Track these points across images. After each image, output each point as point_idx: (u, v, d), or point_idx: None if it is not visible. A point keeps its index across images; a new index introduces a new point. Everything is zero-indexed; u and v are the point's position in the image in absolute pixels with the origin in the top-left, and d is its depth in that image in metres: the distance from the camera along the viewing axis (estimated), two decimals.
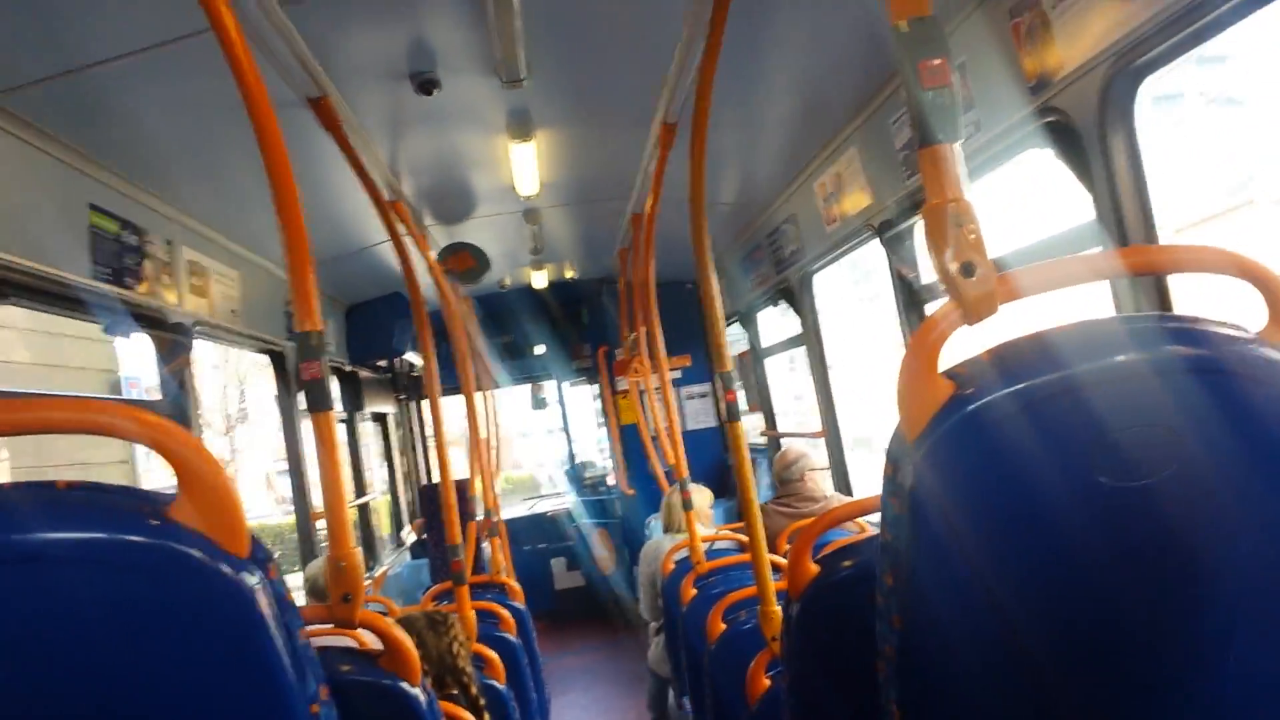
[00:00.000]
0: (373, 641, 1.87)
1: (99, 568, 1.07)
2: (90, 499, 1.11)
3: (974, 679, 1.18)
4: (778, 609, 2.59)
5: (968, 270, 1.18)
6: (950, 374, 1.18)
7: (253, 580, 1.11)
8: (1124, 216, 2.35)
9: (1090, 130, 2.37)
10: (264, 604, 1.11)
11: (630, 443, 8.21)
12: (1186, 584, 1.14)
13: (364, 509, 7.00)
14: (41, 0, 2.18)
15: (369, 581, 6.08)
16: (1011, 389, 1.14)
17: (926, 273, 3.87)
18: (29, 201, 2.65)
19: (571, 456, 9.75)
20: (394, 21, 2.71)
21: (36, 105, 2.56)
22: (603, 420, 9.10)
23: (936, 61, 1.20)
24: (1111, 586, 1.14)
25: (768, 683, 2.44)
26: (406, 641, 1.79)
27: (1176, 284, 2.36)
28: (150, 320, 3.38)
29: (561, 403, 9.49)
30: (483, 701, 2.69)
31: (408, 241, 3.70)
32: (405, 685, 1.76)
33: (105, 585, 1.06)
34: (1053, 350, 1.16)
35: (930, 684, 1.17)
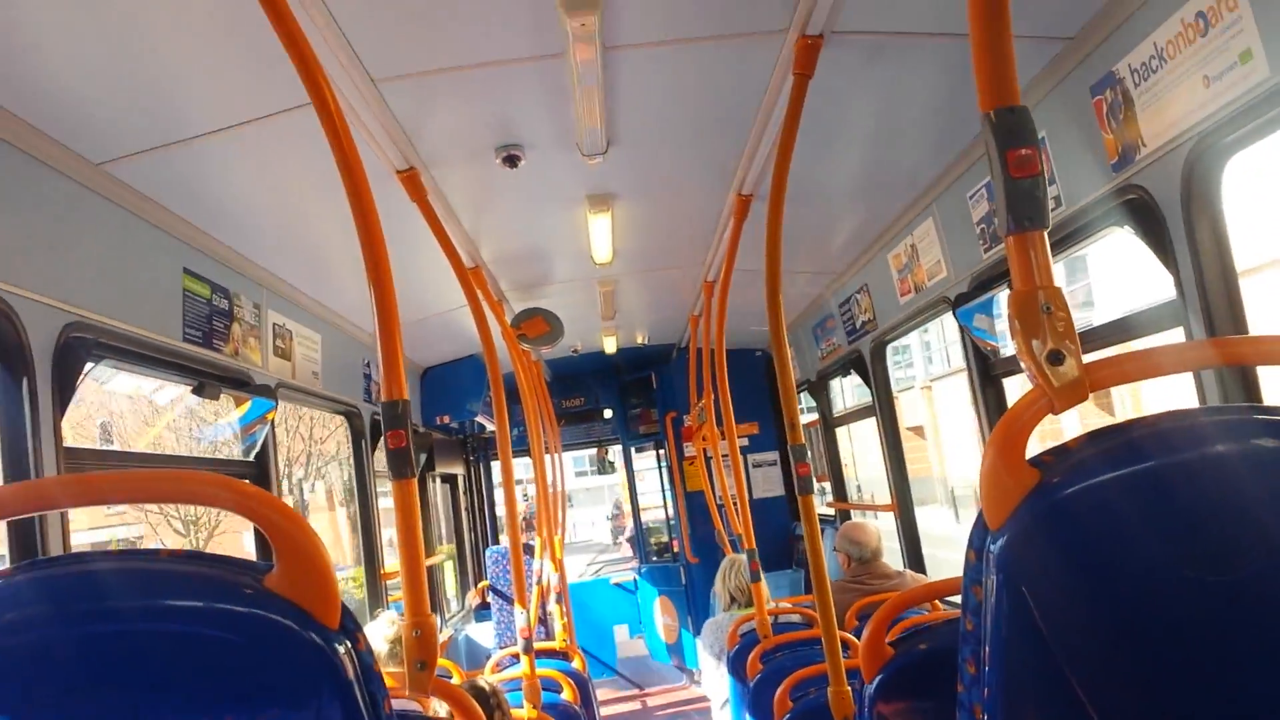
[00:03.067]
0: (436, 707, 1.87)
1: (197, 635, 1.10)
2: (191, 568, 1.14)
3: None
4: (849, 689, 2.55)
5: (1056, 358, 1.17)
6: (1036, 461, 1.16)
7: (342, 650, 1.13)
8: (1210, 299, 2.30)
9: (1173, 208, 2.33)
10: (351, 674, 1.13)
11: (695, 510, 8.16)
12: (1269, 676, 1.11)
13: (431, 570, 7.04)
14: (148, 74, 2.30)
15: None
16: (1097, 479, 1.12)
17: (1006, 347, 3.82)
18: (126, 265, 2.76)
19: (638, 522, 9.70)
20: (482, 97, 2.80)
21: (139, 173, 2.68)
22: (669, 487, 9.07)
23: (1025, 151, 1.20)
24: (1199, 680, 1.11)
25: None
26: (479, 712, 1.80)
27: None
28: (236, 381, 3.48)
29: (629, 468, 9.48)
30: None
31: (485, 307, 3.77)
32: None
33: (203, 652, 1.09)
34: (1139, 441, 1.15)
35: None
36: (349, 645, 1.14)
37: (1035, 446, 1.18)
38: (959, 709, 1.20)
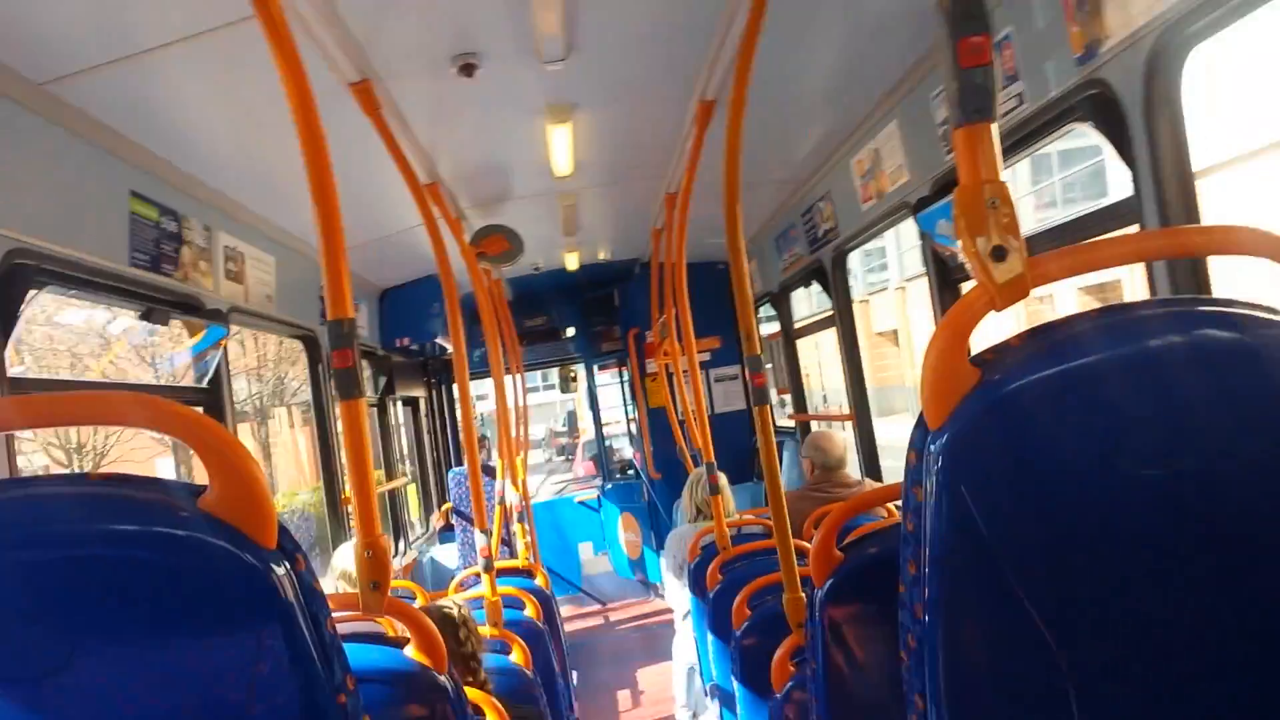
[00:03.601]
0: (400, 628, 1.87)
1: (133, 559, 1.08)
2: (124, 490, 1.12)
3: (1000, 668, 1.17)
4: (803, 595, 2.59)
5: (999, 254, 1.15)
6: (977, 360, 1.15)
7: (280, 571, 1.12)
8: (1165, 194, 2.29)
9: (1135, 103, 2.31)
10: (291, 594, 1.12)
11: (658, 426, 8.22)
12: (1210, 570, 1.12)
13: (394, 494, 7.04)
14: None
15: (399, 567, 6.12)
16: (1037, 376, 1.12)
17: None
18: (70, 188, 2.66)
19: (600, 440, 9.76)
20: (437, 4, 2.70)
21: (83, 92, 2.57)
22: (631, 403, 9.12)
23: (978, 39, 1.17)
24: (1136, 574, 1.13)
25: (793, 669, 2.44)
26: (434, 630, 1.80)
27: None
28: (187, 306, 3.40)
29: (591, 386, 9.50)
30: (490, 686, 2.73)
31: (442, 225, 3.70)
32: (433, 673, 1.77)
33: (135, 575, 1.08)
34: (1080, 336, 1.14)
35: (954, 674, 1.15)
36: (287, 566, 1.13)
37: None
38: (900, 608, 1.22)
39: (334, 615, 1.21)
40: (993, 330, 1.31)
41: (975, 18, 1.18)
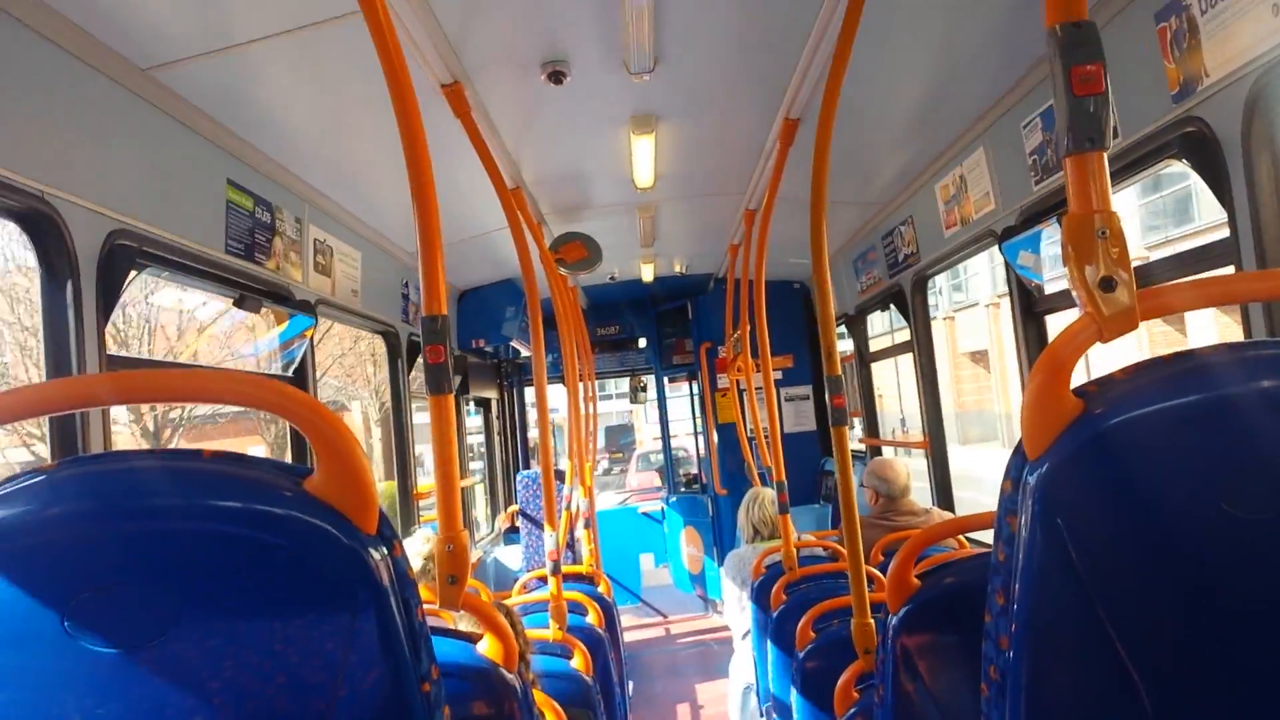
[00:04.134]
0: (460, 623, 1.89)
1: (237, 536, 1.11)
2: (232, 469, 1.15)
3: (1085, 707, 1.14)
4: (872, 621, 2.56)
5: (1108, 285, 1.14)
6: (1080, 391, 1.14)
7: (378, 556, 1.14)
8: (1264, 237, 2.23)
9: (1233, 143, 2.26)
10: (387, 579, 1.14)
11: (726, 442, 8.19)
12: None
13: (462, 492, 7.12)
14: None
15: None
16: (1142, 411, 1.10)
17: (1050, 283, 3.75)
18: (170, 173, 2.76)
19: (668, 452, 9.76)
20: (529, 10, 2.75)
21: (184, 80, 2.67)
22: (700, 417, 9.10)
23: (1091, 68, 1.16)
24: (1234, 621, 1.10)
25: (857, 695, 2.41)
26: (507, 628, 1.82)
27: None
28: (277, 296, 3.50)
29: (661, 397, 9.51)
30: (537, 686, 2.75)
31: (524, 230, 3.75)
32: (504, 671, 1.79)
33: (236, 551, 1.10)
34: (1187, 373, 1.12)
35: (1037, 709, 1.13)
36: (385, 552, 1.15)
37: None
38: (985, 639, 1.20)
39: None
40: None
41: (1088, 45, 1.16)
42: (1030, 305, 3.82)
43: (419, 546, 3.53)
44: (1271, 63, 2.10)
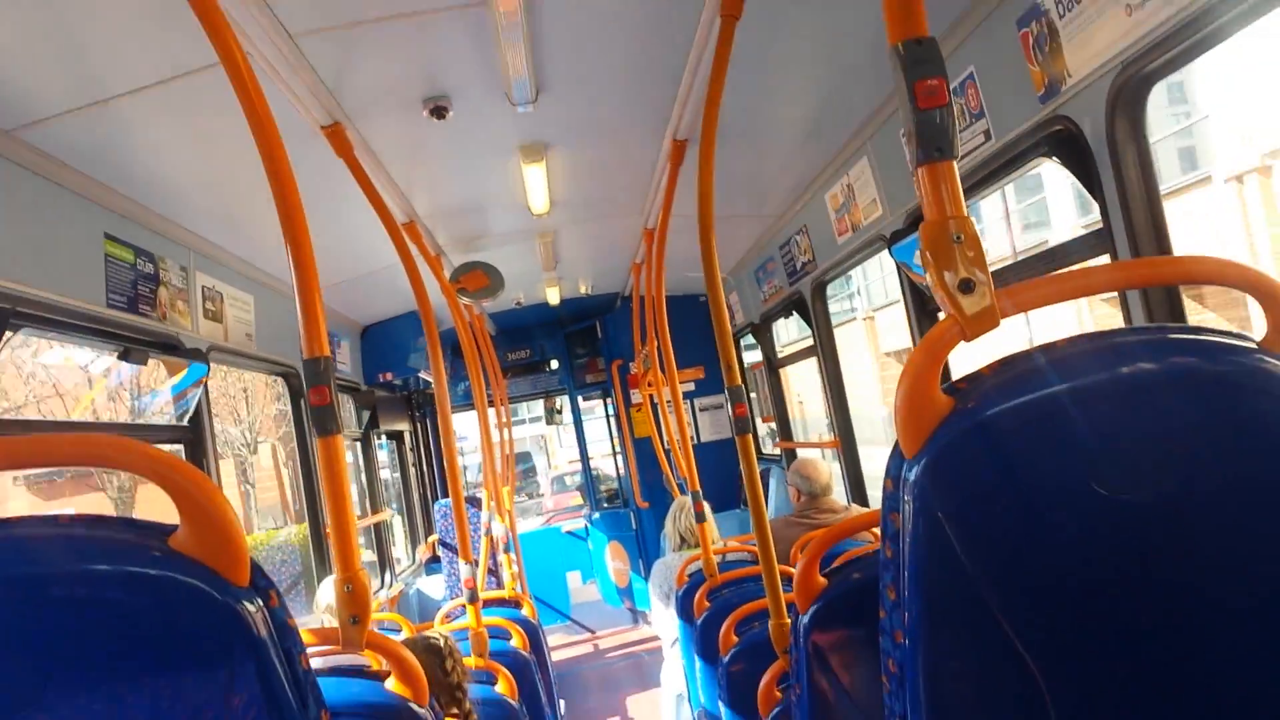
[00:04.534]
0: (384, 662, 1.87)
1: (105, 599, 1.08)
2: (94, 531, 1.12)
3: (981, 692, 1.18)
4: (789, 621, 2.60)
5: (966, 286, 1.18)
6: (950, 389, 1.18)
7: (253, 608, 1.13)
8: (1135, 226, 2.34)
9: (1099, 138, 2.36)
10: (264, 631, 1.13)
11: (644, 456, 8.22)
12: (1189, 595, 1.14)
13: (379, 527, 7.03)
14: (56, 36, 2.21)
15: (385, 599, 6.09)
16: (1010, 404, 1.14)
17: None
18: (44, 231, 2.67)
19: (587, 470, 9.75)
20: (405, 49, 2.74)
21: (54, 138, 2.59)
22: (617, 434, 9.12)
23: (933, 82, 1.20)
24: (1113, 597, 1.14)
25: (779, 695, 2.44)
26: (414, 664, 1.80)
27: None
28: (165, 346, 3.40)
29: (577, 417, 9.50)
30: (475, 717, 2.74)
31: (420, 263, 3.72)
32: (414, 706, 1.77)
33: (106, 615, 1.08)
34: (1053, 364, 1.16)
35: (935, 699, 1.16)
36: (260, 603, 1.14)
37: None
38: (881, 634, 1.23)
39: (318, 649, 1.21)
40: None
41: (930, 60, 1.21)
42: (924, 305, 3.93)
43: (330, 588, 3.47)
44: (1129, 59, 2.19)
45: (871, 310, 24.33)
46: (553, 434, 25.51)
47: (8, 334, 2.49)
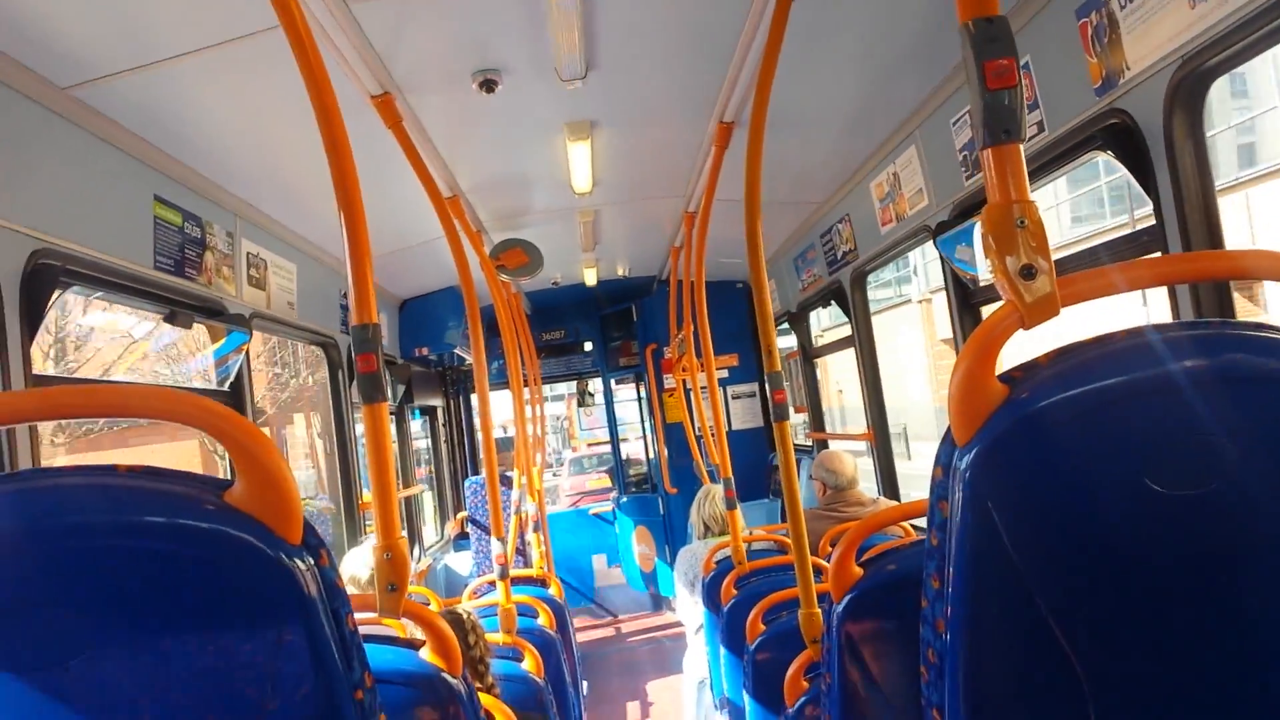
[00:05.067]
0: (415, 631, 1.88)
1: (159, 550, 1.09)
2: (151, 483, 1.14)
3: (1021, 685, 1.17)
4: (819, 611, 2.59)
5: (1028, 273, 1.16)
6: (1005, 378, 1.16)
7: (304, 566, 1.13)
8: (1189, 223, 2.30)
9: (1155, 133, 2.32)
10: (314, 589, 1.14)
11: (675, 441, 8.22)
12: (1237, 593, 1.13)
13: (409, 501, 7.09)
14: None
15: (414, 573, 6.15)
16: (1066, 394, 1.12)
17: (985, 274, 3.82)
18: (94, 191, 2.71)
19: (617, 453, 9.77)
20: (457, 20, 2.74)
21: (107, 98, 2.62)
22: (648, 418, 9.13)
23: (1004, 62, 1.18)
24: (1162, 594, 1.13)
25: (806, 685, 2.44)
26: (450, 634, 1.81)
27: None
28: (209, 311, 3.44)
29: (609, 400, 9.51)
30: (497, 691, 2.76)
31: (463, 238, 3.73)
32: (447, 676, 1.78)
33: (159, 567, 1.09)
34: (1109, 356, 1.15)
35: (974, 690, 1.15)
36: (311, 561, 1.14)
37: None
38: (922, 623, 1.22)
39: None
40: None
41: (1001, 40, 1.19)
42: (966, 297, 3.89)
43: (365, 556, 3.50)
44: (1190, 53, 2.15)
45: (929, 292, 23.61)
46: (574, 415, 25.41)
47: (58, 291, 2.52)
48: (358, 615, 1.61)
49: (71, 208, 2.58)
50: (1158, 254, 2.47)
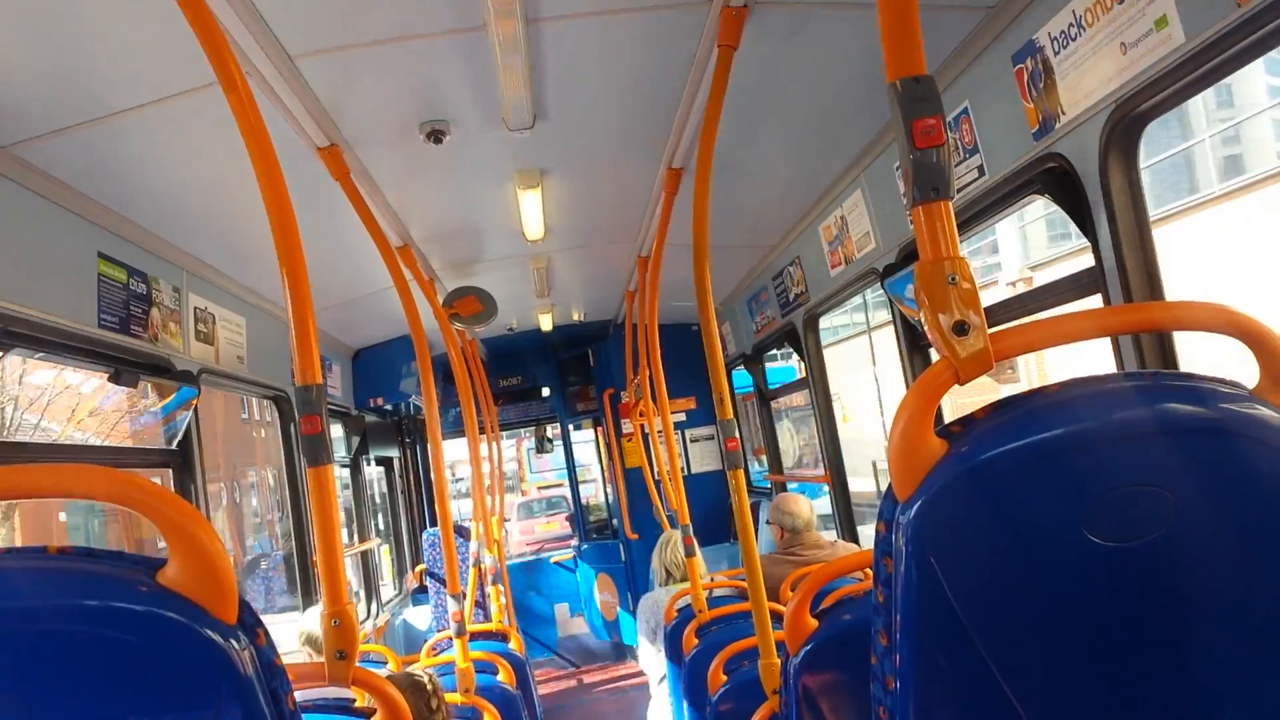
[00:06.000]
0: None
1: (90, 634, 1.06)
2: (80, 564, 1.11)
3: None
4: (778, 661, 2.57)
5: (960, 329, 1.17)
6: (943, 432, 1.17)
7: (240, 646, 1.11)
8: (1126, 266, 2.34)
9: (1091, 176, 2.37)
10: (251, 669, 1.11)
11: (635, 486, 8.19)
12: (1176, 642, 1.14)
13: (365, 555, 6.98)
14: (54, 54, 2.21)
15: (371, 630, 6.03)
16: (1004, 448, 1.13)
17: None
18: (36, 250, 2.66)
19: (577, 499, 9.70)
20: (404, 72, 2.75)
21: (49, 155, 2.58)
22: (607, 463, 9.09)
23: (930, 121, 1.20)
24: (1104, 644, 1.13)
25: None
26: (401, 702, 1.77)
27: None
28: (156, 368, 3.38)
29: (567, 446, 9.46)
30: None
31: (414, 287, 3.71)
32: None
33: (92, 651, 1.06)
34: (1047, 409, 1.16)
35: None
36: (247, 641, 1.12)
37: None
38: (872, 680, 1.22)
39: (301, 684, 1.19)
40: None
41: (928, 99, 1.20)
42: (915, 339, 3.93)
43: (316, 621, 3.43)
44: (1123, 97, 2.20)
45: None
46: (523, 458, 25.08)
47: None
48: (309, 686, 1.56)
49: (12, 267, 2.53)
50: (1096, 298, 2.51)
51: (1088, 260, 2.52)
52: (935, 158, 1.20)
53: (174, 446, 3.65)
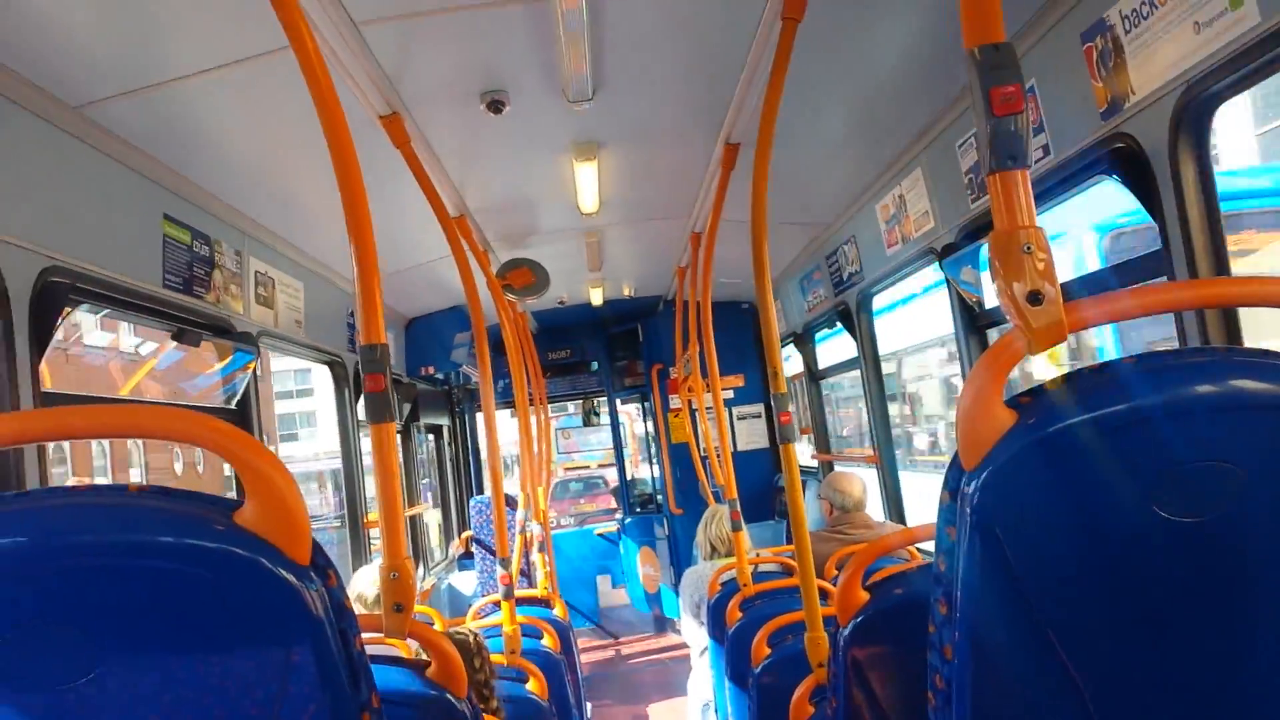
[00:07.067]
0: (420, 652, 1.87)
1: (167, 571, 1.09)
2: (160, 503, 1.14)
3: (1028, 711, 1.17)
4: (825, 635, 2.58)
5: (1035, 299, 1.16)
6: (1012, 403, 1.16)
7: (312, 587, 1.13)
8: (1194, 248, 2.29)
9: (1160, 157, 2.32)
10: (322, 610, 1.14)
11: (680, 462, 8.21)
12: (1240, 619, 1.13)
13: (414, 520, 7.08)
14: (125, 15, 2.25)
15: (418, 592, 6.13)
16: (1073, 420, 1.12)
17: (990, 297, 3.81)
18: (104, 209, 2.72)
19: (622, 473, 9.76)
20: (466, 41, 2.76)
21: (117, 117, 2.64)
22: (654, 438, 9.12)
23: (1010, 88, 1.18)
24: (1166, 620, 1.13)
25: (812, 709, 2.42)
26: (455, 656, 1.80)
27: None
28: (217, 329, 3.45)
29: (614, 420, 9.50)
30: (502, 713, 2.75)
31: (469, 257, 3.74)
32: (452, 698, 1.77)
33: (167, 587, 1.09)
34: (1117, 381, 1.15)
35: (982, 716, 1.15)
36: (319, 582, 1.14)
37: None
38: (930, 649, 1.22)
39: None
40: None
41: (1007, 66, 1.19)
42: (973, 320, 3.89)
43: (372, 575, 3.50)
44: (1195, 78, 2.15)
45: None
46: (551, 437, 24.78)
47: (67, 310, 2.53)
48: (364, 635, 1.60)
49: (81, 226, 2.59)
50: (1163, 279, 2.47)
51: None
52: (1014, 125, 1.18)
53: (233, 407, 3.73)
